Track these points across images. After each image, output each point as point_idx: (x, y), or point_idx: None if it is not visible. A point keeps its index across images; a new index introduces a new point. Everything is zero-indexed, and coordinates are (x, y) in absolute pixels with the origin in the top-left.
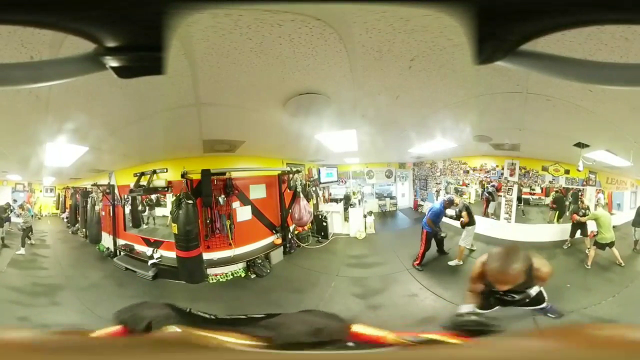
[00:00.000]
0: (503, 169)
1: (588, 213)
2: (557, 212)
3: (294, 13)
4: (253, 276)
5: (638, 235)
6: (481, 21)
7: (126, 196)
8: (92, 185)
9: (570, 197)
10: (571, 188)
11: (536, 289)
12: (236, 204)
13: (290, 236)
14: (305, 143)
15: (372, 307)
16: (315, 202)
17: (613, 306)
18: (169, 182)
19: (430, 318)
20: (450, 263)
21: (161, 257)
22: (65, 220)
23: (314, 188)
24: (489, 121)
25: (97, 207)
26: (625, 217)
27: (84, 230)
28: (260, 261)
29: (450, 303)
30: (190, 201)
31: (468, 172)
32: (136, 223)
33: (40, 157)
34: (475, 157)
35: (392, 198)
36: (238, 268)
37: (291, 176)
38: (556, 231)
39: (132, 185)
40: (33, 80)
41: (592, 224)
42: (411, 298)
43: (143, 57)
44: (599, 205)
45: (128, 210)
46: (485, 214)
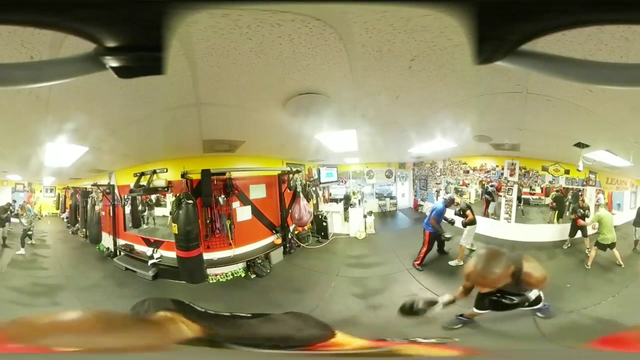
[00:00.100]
0: (503, 169)
1: (588, 213)
2: (557, 212)
3: (294, 13)
4: (253, 276)
5: (639, 235)
6: (481, 21)
7: (126, 196)
8: (92, 185)
9: (570, 197)
10: (571, 188)
11: (535, 293)
12: (236, 204)
13: (290, 236)
14: (305, 143)
15: (372, 307)
16: (315, 202)
17: (613, 306)
18: (169, 182)
19: (430, 318)
20: (450, 263)
21: (161, 257)
22: (65, 220)
23: (314, 188)
24: (489, 121)
25: (97, 207)
26: (625, 217)
27: (84, 230)
28: (260, 261)
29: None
30: (190, 201)
31: (468, 172)
32: (136, 223)
33: (40, 157)
34: (475, 157)
35: (392, 198)
36: (238, 268)
37: (291, 176)
38: (556, 231)
39: (132, 185)
40: (33, 80)
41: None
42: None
43: (143, 57)
44: (601, 205)
45: (128, 210)
46: (485, 214)
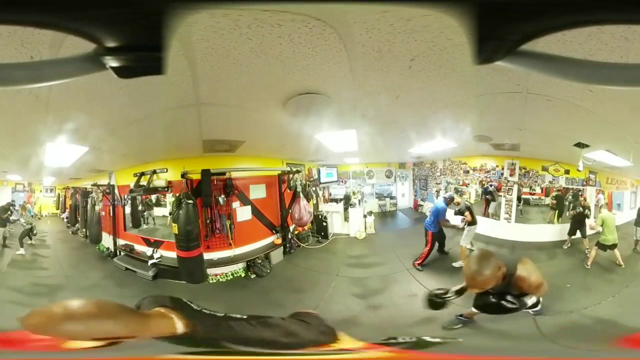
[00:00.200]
0: (503, 169)
1: (589, 212)
2: (557, 212)
3: (294, 13)
4: (253, 276)
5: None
6: (481, 21)
7: (126, 196)
8: (92, 185)
9: (570, 197)
10: (571, 188)
11: (533, 299)
12: (236, 204)
13: (290, 236)
14: (305, 143)
15: (372, 307)
16: (315, 202)
17: (613, 306)
18: (169, 182)
19: (430, 318)
20: (454, 264)
21: (161, 257)
22: (65, 220)
23: (314, 188)
24: (489, 121)
25: (97, 207)
26: (625, 217)
27: (84, 230)
28: (260, 261)
29: (451, 303)
30: (190, 201)
31: (468, 172)
32: (136, 223)
33: (40, 157)
34: (475, 157)
35: (392, 198)
36: (238, 268)
37: (291, 176)
38: (556, 231)
39: (132, 185)
40: (33, 80)
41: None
42: (411, 298)
43: (143, 57)
44: (602, 206)
45: (128, 210)
46: (485, 214)
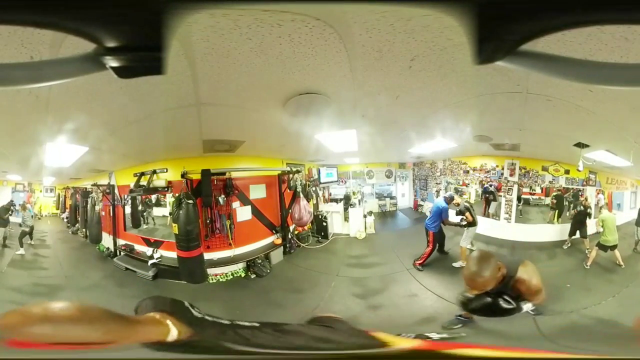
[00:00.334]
0: (503, 169)
1: (590, 212)
2: (557, 212)
3: (294, 13)
4: (253, 276)
5: None
6: (481, 21)
7: (126, 196)
8: (92, 185)
9: (570, 197)
10: (571, 188)
11: (529, 306)
12: (236, 204)
13: (290, 236)
14: (305, 143)
15: (372, 307)
16: (315, 202)
17: (613, 306)
18: (169, 182)
19: (430, 318)
20: (454, 264)
21: (161, 257)
22: (65, 220)
23: (314, 188)
24: (489, 121)
25: (97, 207)
26: (625, 218)
27: (84, 230)
28: (260, 261)
29: (451, 304)
30: (190, 201)
31: (468, 172)
32: (136, 223)
33: (40, 157)
34: (475, 157)
35: (392, 198)
36: (238, 268)
37: (291, 176)
38: (556, 231)
39: (132, 185)
40: (33, 80)
41: (592, 226)
42: (411, 298)
43: (143, 57)
44: (602, 206)
45: (128, 210)
46: (485, 214)
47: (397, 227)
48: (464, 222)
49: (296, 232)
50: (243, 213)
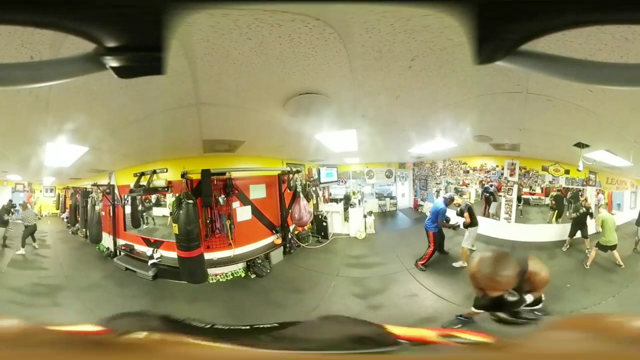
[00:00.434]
0: (503, 169)
1: (591, 211)
2: (556, 212)
3: (294, 13)
4: (253, 276)
5: None
6: (481, 21)
7: (126, 196)
8: (92, 185)
9: (570, 197)
10: (571, 188)
11: (531, 298)
12: (236, 204)
13: (290, 236)
14: (305, 143)
15: (373, 307)
16: (315, 202)
17: (613, 306)
18: (169, 182)
19: (431, 318)
20: (455, 264)
21: (161, 257)
22: (65, 220)
23: (314, 188)
24: (489, 121)
25: (97, 207)
26: (625, 218)
27: (84, 230)
28: (260, 261)
29: (451, 304)
30: (190, 201)
31: (468, 172)
32: (136, 223)
33: (40, 157)
34: (475, 157)
35: (392, 198)
36: (238, 268)
37: (291, 176)
38: (556, 231)
39: (132, 185)
40: (33, 80)
41: (593, 226)
42: (411, 298)
43: (143, 57)
44: (602, 207)
45: (128, 210)
46: (485, 214)
47: (397, 227)
48: (459, 226)
49: (296, 232)
50: (243, 213)
